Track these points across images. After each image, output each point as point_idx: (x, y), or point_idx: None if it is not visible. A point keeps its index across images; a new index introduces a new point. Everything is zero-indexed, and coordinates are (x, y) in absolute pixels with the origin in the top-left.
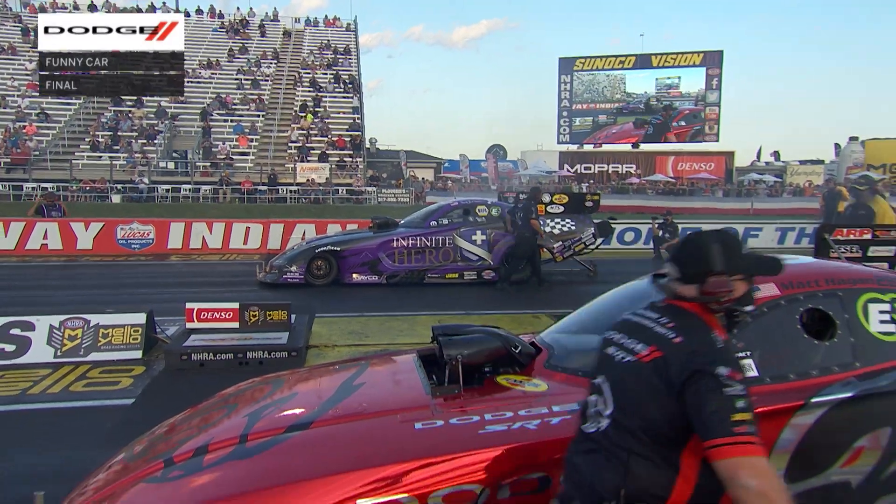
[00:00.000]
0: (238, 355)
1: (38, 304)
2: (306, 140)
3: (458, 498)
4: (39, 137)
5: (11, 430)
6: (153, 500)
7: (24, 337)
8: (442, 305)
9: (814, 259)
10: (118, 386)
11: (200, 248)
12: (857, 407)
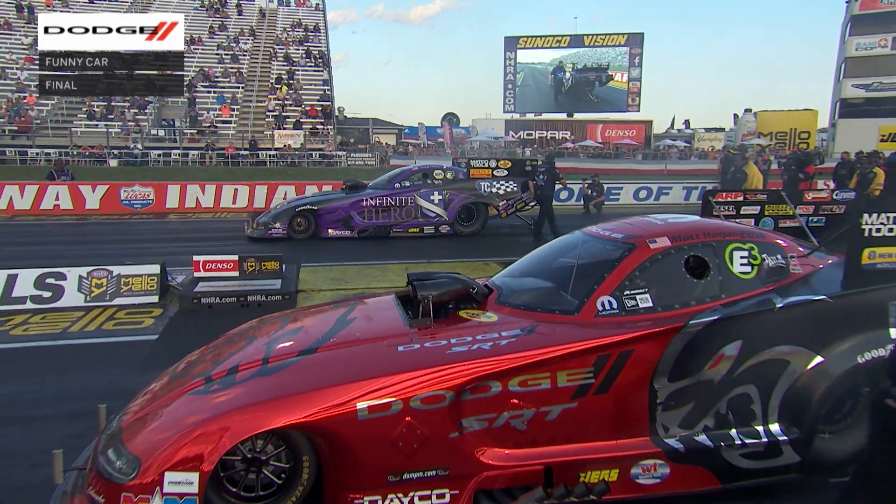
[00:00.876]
0: (240, 299)
1: (60, 257)
2: (282, 109)
3: (431, 400)
4: (40, 107)
5: (62, 359)
6: (199, 406)
7: (58, 285)
8: (406, 255)
9: (698, 217)
10: (142, 325)
11: (195, 208)
12: (720, 326)
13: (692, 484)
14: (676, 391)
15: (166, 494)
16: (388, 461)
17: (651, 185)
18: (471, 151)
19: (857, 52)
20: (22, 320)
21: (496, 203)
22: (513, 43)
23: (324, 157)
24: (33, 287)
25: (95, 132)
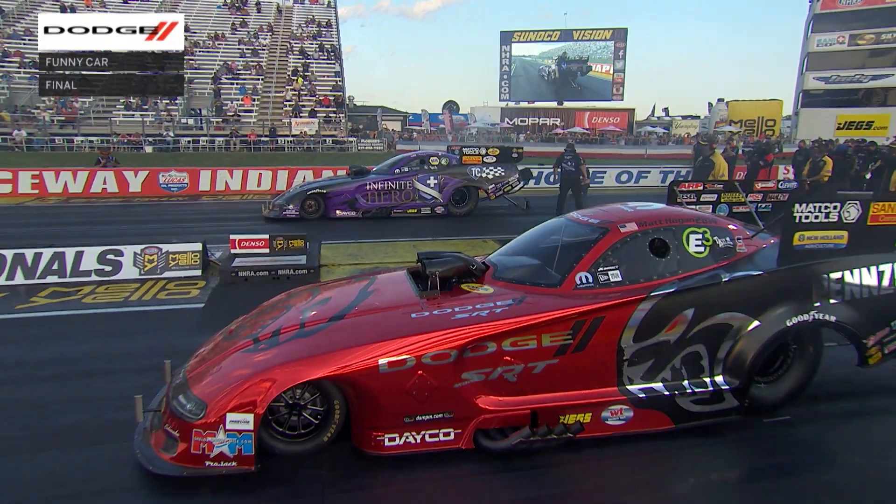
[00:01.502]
0: (271, 272)
1: (113, 235)
2: (298, 99)
3: (439, 357)
4: (83, 99)
5: (126, 324)
6: (250, 361)
7: (117, 260)
8: (408, 234)
9: (663, 205)
10: (189, 295)
11: (224, 190)
12: (677, 297)
13: (651, 425)
14: (639, 349)
15: (228, 430)
16: (403, 406)
17: (632, 170)
18: (469, 137)
19: (817, 48)
20: (90, 290)
21: (486, 186)
22: (508, 37)
23: (336, 143)
24: (96, 262)
25: (132, 121)
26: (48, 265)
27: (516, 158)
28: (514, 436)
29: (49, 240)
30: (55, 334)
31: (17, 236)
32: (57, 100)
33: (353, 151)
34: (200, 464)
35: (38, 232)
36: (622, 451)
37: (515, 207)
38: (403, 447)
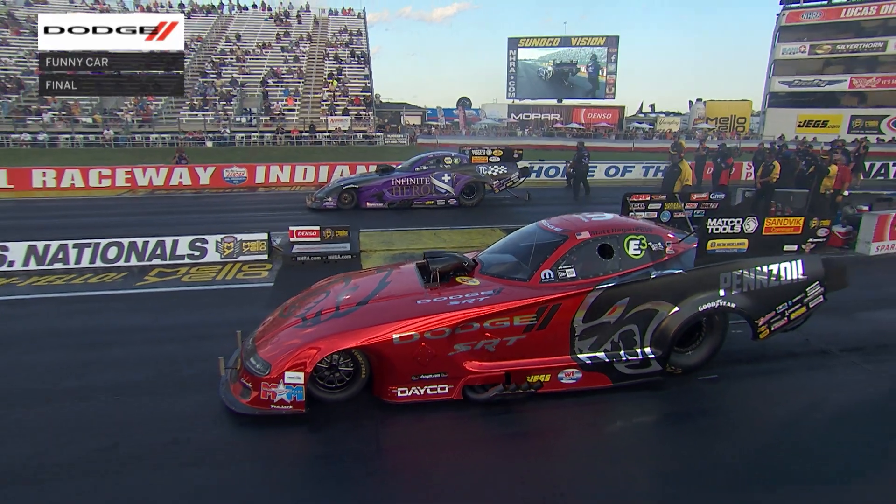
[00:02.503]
0: (323, 257)
1: (192, 223)
2: (333, 99)
3: (437, 333)
4: (157, 101)
5: (214, 299)
6: (301, 334)
7: (203, 247)
8: (427, 223)
9: (614, 216)
10: (261, 276)
11: (276, 182)
12: (616, 289)
13: (595, 383)
14: (587, 328)
15: (286, 384)
16: (411, 368)
17: (619, 165)
18: (480, 131)
19: (783, 56)
20: (185, 271)
21: (491, 182)
22: (514, 42)
23: (366, 138)
24: (188, 248)
25: (196, 120)
26: (153, 250)
27: (517, 158)
28: (492, 390)
29: (145, 228)
30: (168, 306)
31: (123, 224)
32: (136, 102)
33: (379, 145)
34: (267, 406)
35: (134, 221)
36: (573, 403)
37: (517, 199)
38: (411, 397)
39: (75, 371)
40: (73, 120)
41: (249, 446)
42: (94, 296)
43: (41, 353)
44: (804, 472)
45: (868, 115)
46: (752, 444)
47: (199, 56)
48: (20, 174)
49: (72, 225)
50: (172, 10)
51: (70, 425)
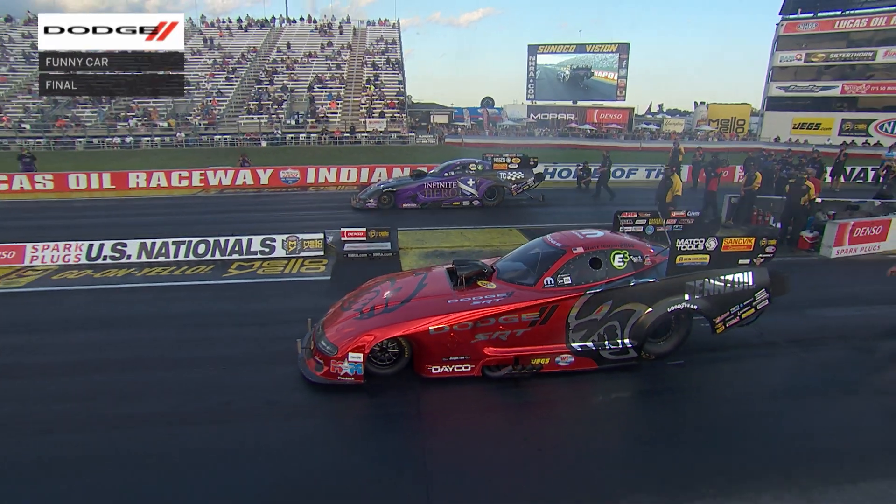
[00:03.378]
0: (368, 254)
1: (258, 221)
2: (370, 103)
3: (462, 326)
4: (219, 106)
5: (283, 289)
6: (360, 324)
7: (272, 244)
8: (454, 222)
9: (604, 233)
10: (319, 270)
11: (324, 182)
12: (602, 293)
13: (584, 366)
14: (579, 323)
15: (349, 362)
16: (442, 352)
17: (624, 168)
18: (502, 132)
19: (780, 63)
20: (258, 265)
21: (510, 186)
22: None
23: (399, 138)
24: (260, 245)
25: (252, 123)
26: (233, 247)
27: (533, 165)
28: (504, 370)
29: (221, 225)
30: (248, 295)
31: (201, 222)
32: (202, 107)
33: (411, 145)
34: (335, 378)
35: (210, 219)
36: (566, 380)
37: (533, 200)
38: (442, 374)
39: (187, 346)
40: (153, 124)
41: (323, 407)
42: (191, 285)
43: (160, 330)
44: (745, 433)
45: (857, 118)
46: (706, 414)
47: (255, 65)
48: (119, 177)
49: (160, 223)
50: (232, 24)
51: (192, 387)
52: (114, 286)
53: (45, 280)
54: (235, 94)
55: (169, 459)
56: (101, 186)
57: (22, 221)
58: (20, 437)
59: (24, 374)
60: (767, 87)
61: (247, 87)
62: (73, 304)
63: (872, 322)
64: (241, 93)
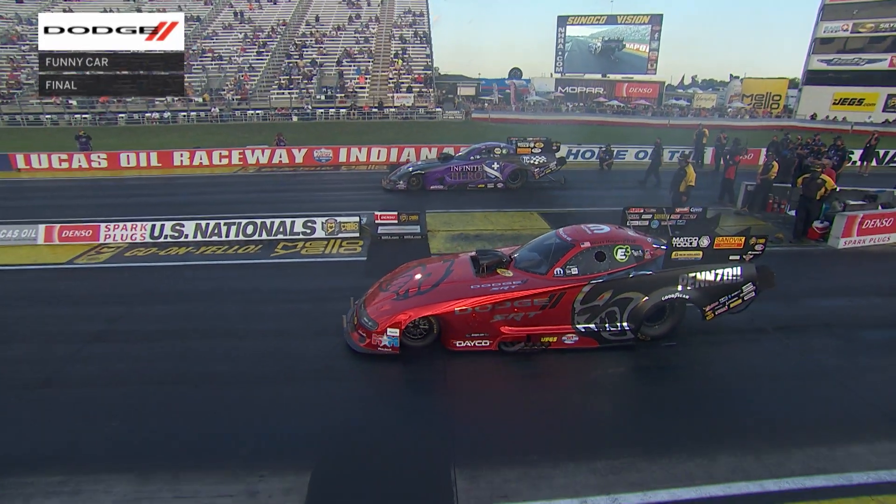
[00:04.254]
0: (400, 236)
1: (295, 201)
2: (398, 77)
3: (482, 308)
4: (251, 81)
5: (325, 268)
6: (397, 304)
7: (312, 226)
8: (479, 205)
9: (610, 228)
10: (356, 250)
11: (355, 161)
12: (604, 283)
13: (587, 344)
14: (583, 308)
15: (388, 335)
16: (465, 329)
17: (646, 149)
18: (529, 107)
19: (824, 34)
20: (301, 245)
21: (533, 169)
22: (563, 20)
23: (427, 113)
24: (302, 227)
25: (283, 98)
26: (278, 228)
27: (556, 150)
28: (517, 346)
29: (264, 205)
30: (295, 274)
31: (244, 202)
32: (234, 83)
33: (438, 120)
34: (375, 349)
35: (252, 198)
36: (571, 356)
37: (554, 182)
38: (465, 348)
39: (249, 319)
40: (188, 99)
41: (365, 372)
42: (244, 264)
43: (224, 305)
44: (718, 406)
45: None
46: (688, 388)
47: (284, 39)
48: (165, 155)
49: (207, 202)
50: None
51: (259, 353)
52: (177, 263)
53: (120, 257)
54: (266, 68)
55: (245, 408)
56: (148, 164)
57: (86, 199)
58: (137, 387)
59: (123, 339)
60: (808, 59)
61: (277, 62)
62: (148, 279)
63: (860, 313)
64: (272, 67)
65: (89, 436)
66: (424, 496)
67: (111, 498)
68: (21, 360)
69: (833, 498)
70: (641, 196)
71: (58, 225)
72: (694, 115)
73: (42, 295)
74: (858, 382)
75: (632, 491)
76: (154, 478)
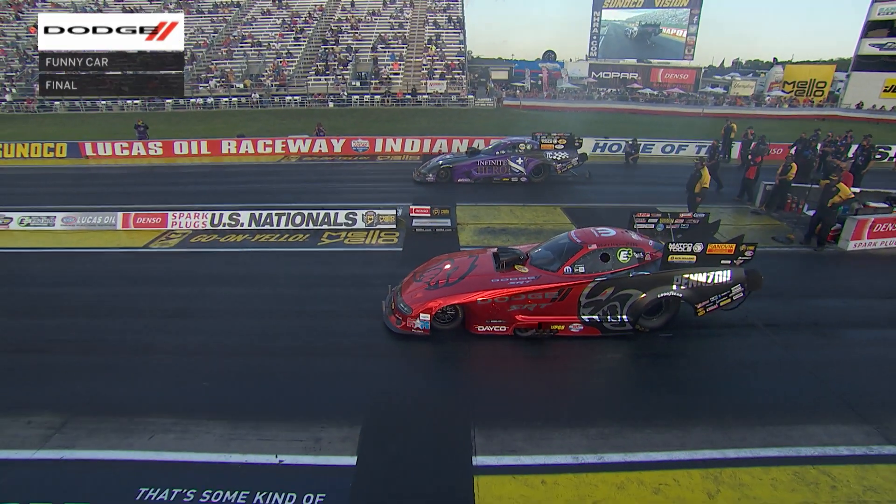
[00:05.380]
0: (432, 229)
1: (335, 192)
2: (431, 64)
3: (501, 299)
4: (289, 67)
5: (366, 257)
6: (428, 293)
7: (354, 217)
8: (503, 199)
9: (616, 231)
10: (392, 241)
11: (390, 152)
12: (607, 281)
13: (591, 333)
14: (588, 301)
15: (420, 319)
16: (486, 316)
17: (674, 143)
18: (560, 93)
19: (878, 16)
20: (344, 235)
21: (555, 165)
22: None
23: (459, 100)
24: (344, 218)
25: (319, 84)
26: (322, 219)
27: (578, 146)
28: (530, 332)
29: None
30: (340, 262)
31: (289, 191)
32: (274, 69)
33: (470, 107)
34: (409, 330)
35: (296, 188)
36: (577, 342)
37: (578, 177)
38: (485, 332)
39: (302, 301)
40: (230, 85)
41: (401, 349)
42: (295, 251)
43: (280, 288)
44: (701, 389)
45: None
46: (677, 373)
47: (321, 24)
48: (214, 144)
49: (256, 190)
50: None
51: (312, 331)
52: (237, 250)
53: (186, 242)
54: (303, 54)
55: (306, 375)
56: (199, 152)
57: (147, 186)
58: (216, 356)
59: (199, 315)
60: (859, 44)
61: (314, 48)
62: (212, 263)
63: (850, 313)
64: (309, 53)
65: (187, 392)
66: (450, 448)
67: (212, 437)
68: (123, 331)
69: (780, 465)
70: (663, 193)
71: (133, 213)
72: (729, 103)
73: (128, 275)
74: (828, 374)
75: (615, 452)
76: (242, 425)
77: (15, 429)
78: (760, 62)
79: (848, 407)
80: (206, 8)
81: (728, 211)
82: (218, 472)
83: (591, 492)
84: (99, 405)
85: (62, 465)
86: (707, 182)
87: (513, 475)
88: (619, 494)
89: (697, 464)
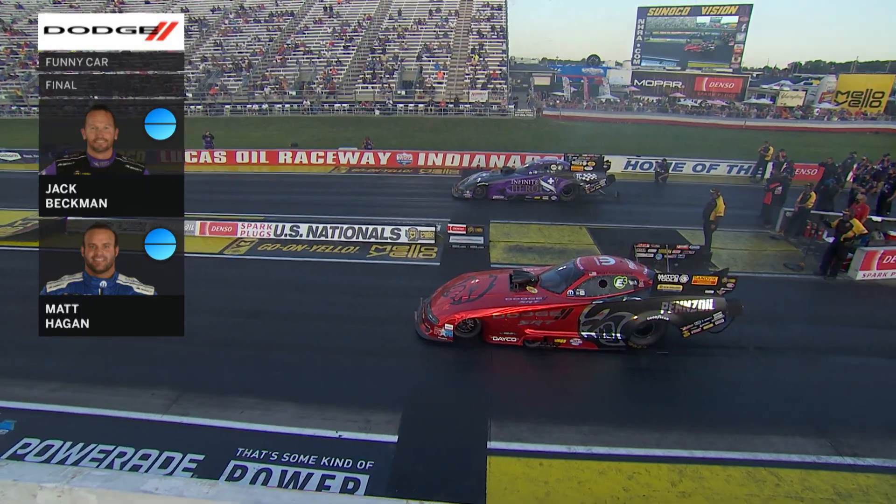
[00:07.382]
0: (467, 245)
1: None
2: (474, 74)
3: (512, 314)
4: (338, 75)
5: (408, 270)
6: (453, 307)
7: (398, 233)
8: (534, 217)
9: (616, 260)
10: (431, 256)
11: (432, 165)
12: (603, 304)
13: (588, 347)
14: (586, 320)
15: (445, 328)
16: (500, 329)
17: (705, 162)
18: (600, 105)
19: None
20: (389, 249)
21: (584, 185)
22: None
23: (500, 110)
24: (390, 233)
25: (366, 92)
26: (371, 233)
27: (607, 168)
28: (537, 343)
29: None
30: (386, 273)
31: (339, 204)
32: (324, 77)
33: (510, 117)
34: (436, 337)
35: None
36: (577, 355)
37: (605, 196)
38: (499, 342)
39: (354, 307)
40: (283, 92)
41: (429, 352)
42: (347, 262)
43: (335, 295)
44: (683, 401)
45: None
46: (667, 386)
47: (369, 33)
48: (272, 154)
49: (308, 202)
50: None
51: (361, 333)
52: (298, 259)
53: (254, 251)
54: (352, 62)
55: (357, 371)
56: (258, 161)
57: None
58: (285, 351)
59: (270, 317)
60: None
61: (362, 56)
62: (278, 270)
63: (837, 340)
64: (357, 61)
65: (264, 379)
66: (470, 433)
67: (286, 415)
68: (207, 326)
69: (737, 466)
70: (685, 215)
71: (208, 221)
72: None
73: (208, 278)
74: (801, 394)
75: (601, 446)
76: (309, 407)
77: (144, 398)
78: (822, 63)
79: (809, 422)
80: (263, 17)
81: (747, 235)
82: (293, 441)
83: (578, 474)
84: (200, 386)
85: (182, 427)
86: (722, 211)
87: (518, 458)
88: (600, 478)
89: (668, 460)
